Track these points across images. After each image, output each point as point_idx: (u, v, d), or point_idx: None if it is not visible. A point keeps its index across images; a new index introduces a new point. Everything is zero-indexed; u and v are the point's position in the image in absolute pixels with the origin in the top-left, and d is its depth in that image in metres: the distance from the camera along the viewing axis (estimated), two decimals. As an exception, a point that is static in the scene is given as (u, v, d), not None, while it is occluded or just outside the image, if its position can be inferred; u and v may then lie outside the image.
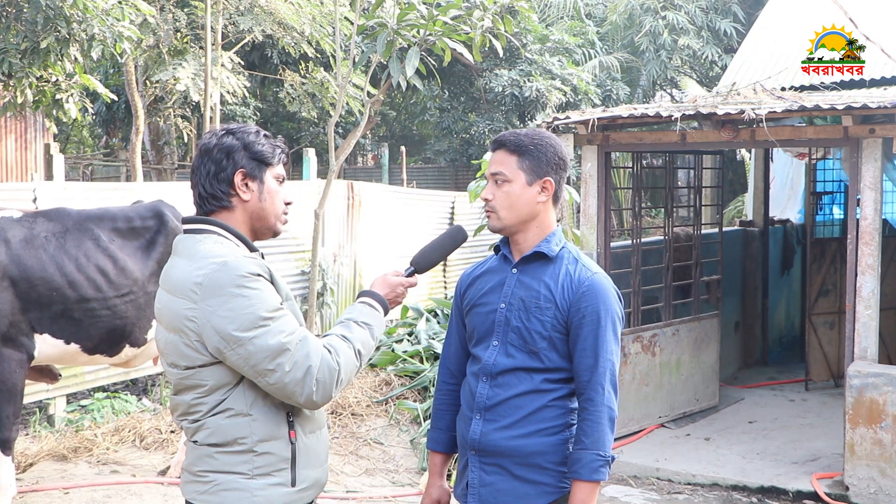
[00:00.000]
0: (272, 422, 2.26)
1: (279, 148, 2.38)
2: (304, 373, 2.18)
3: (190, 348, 2.21)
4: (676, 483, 6.00)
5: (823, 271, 8.35)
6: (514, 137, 2.57)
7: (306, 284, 7.94)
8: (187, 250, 2.28)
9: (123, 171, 16.17)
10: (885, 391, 5.51)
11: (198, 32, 11.32)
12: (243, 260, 2.21)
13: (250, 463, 2.24)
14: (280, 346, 2.16)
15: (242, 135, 2.33)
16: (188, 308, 2.19)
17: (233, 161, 2.31)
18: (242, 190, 2.32)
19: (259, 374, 2.18)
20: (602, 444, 2.47)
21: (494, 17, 7.37)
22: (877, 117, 5.63)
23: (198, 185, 2.34)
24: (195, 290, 2.18)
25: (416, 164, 23.01)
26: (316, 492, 2.37)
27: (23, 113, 10.42)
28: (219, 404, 2.24)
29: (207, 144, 2.34)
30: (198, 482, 2.28)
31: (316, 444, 2.37)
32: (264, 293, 2.19)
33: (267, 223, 2.37)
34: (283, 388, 2.18)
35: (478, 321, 2.64)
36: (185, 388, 2.27)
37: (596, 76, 17.36)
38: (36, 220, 4.67)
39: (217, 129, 2.39)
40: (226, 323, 2.15)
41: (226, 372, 2.22)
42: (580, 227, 6.63)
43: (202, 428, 2.26)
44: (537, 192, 2.56)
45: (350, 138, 7.90)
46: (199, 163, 2.34)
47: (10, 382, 4.45)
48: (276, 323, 2.18)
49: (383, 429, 6.59)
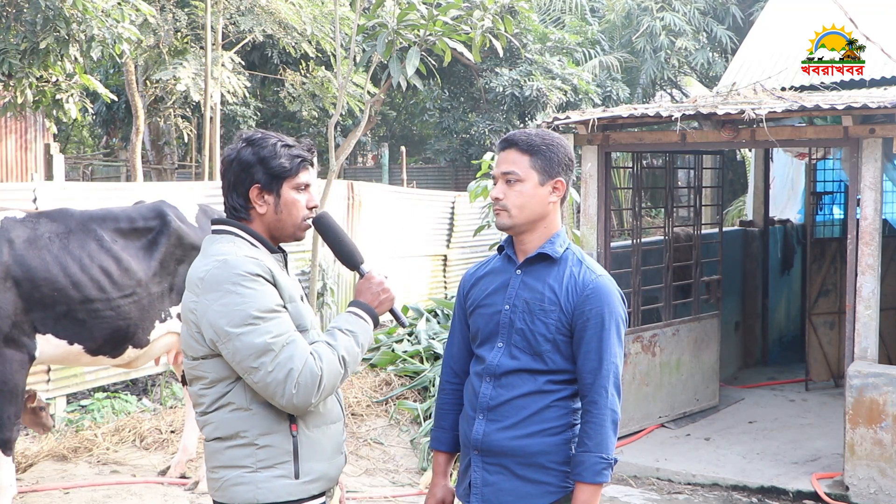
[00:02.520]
0: (272, 416, 2.32)
1: (300, 157, 2.41)
2: (284, 374, 2.23)
3: (193, 339, 2.33)
4: (676, 483, 6.01)
5: (823, 271, 8.35)
6: (525, 137, 2.57)
7: (306, 284, 7.94)
8: (204, 250, 2.40)
9: (123, 171, 16.19)
10: (885, 391, 5.51)
11: (198, 32, 11.33)
12: (244, 259, 2.29)
13: (253, 456, 2.32)
14: (264, 346, 2.23)
15: (259, 148, 2.37)
16: (192, 301, 2.31)
17: (249, 176, 2.37)
18: (258, 204, 2.39)
19: (244, 370, 2.26)
20: (605, 446, 2.48)
21: (494, 18, 7.38)
22: (877, 117, 5.63)
23: (223, 193, 2.44)
24: (198, 284, 2.30)
25: (416, 164, 23.01)
26: (324, 485, 2.41)
27: (23, 113, 10.43)
28: (221, 397, 2.33)
29: (228, 157, 2.41)
30: (212, 479, 2.39)
31: (322, 437, 2.40)
32: (259, 293, 2.26)
33: (285, 232, 2.44)
34: (266, 387, 2.25)
35: (482, 322, 2.64)
36: (194, 378, 2.38)
37: (596, 76, 17.37)
38: (39, 220, 4.67)
39: (242, 136, 2.44)
40: (219, 317, 2.25)
41: (225, 365, 2.30)
42: (580, 227, 6.63)
43: (208, 422, 2.36)
44: (549, 193, 2.56)
45: (350, 138, 7.90)
46: (223, 174, 2.43)
47: (11, 383, 4.45)
48: (266, 324, 2.24)
49: (383, 429, 6.59)
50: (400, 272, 10.18)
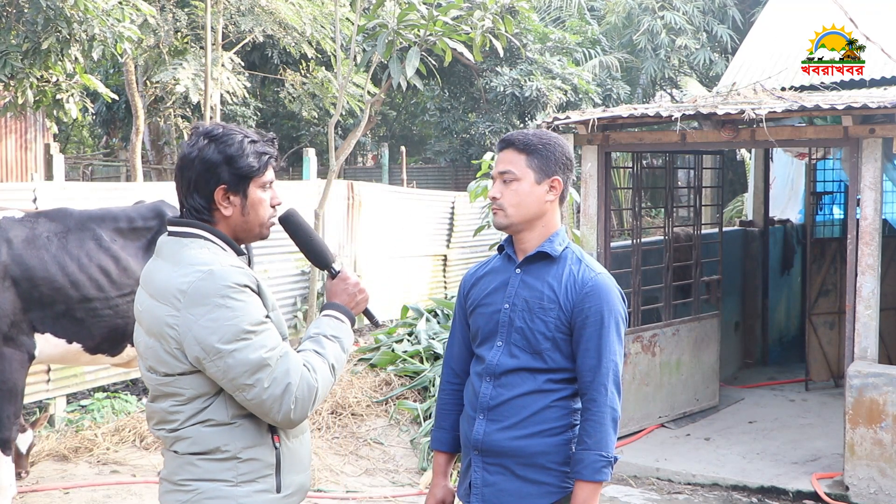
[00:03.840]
0: (255, 428, 2.20)
1: (267, 154, 2.25)
2: (282, 390, 2.12)
3: (169, 355, 2.15)
4: (676, 483, 6.01)
5: (823, 271, 8.35)
6: (522, 137, 2.58)
7: (306, 284, 7.94)
8: (173, 255, 2.19)
9: (123, 171, 16.19)
10: (885, 391, 5.51)
11: (198, 32, 11.33)
12: (230, 270, 2.13)
13: (234, 470, 2.18)
14: (260, 362, 2.10)
15: (225, 146, 2.19)
16: (170, 315, 2.12)
17: (214, 176, 2.19)
18: (223, 206, 2.22)
19: (237, 388, 2.11)
20: (605, 444, 2.47)
21: (495, 18, 7.38)
22: (877, 117, 5.63)
23: (179, 193, 2.25)
24: (179, 297, 2.11)
25: (416, 164, 23.01)
26: (300, 497, 2.32)
27: (23, 113, 10.44)
28: (198, 413, 2.17)
29: (189, 154, 2.20)
30: (179, 491, 2.21)
31: (300, 448, 2.32)
32: (249, 305, 2.12)
33: (251, 233, 2.28)
34: (261, 404, 2.12)
35: (482, 321, 2.64)
36: (163, 394, 2.20)
37: (596, 75, 17.37)
38: (38, 220, 4.68)
39: (200, 129, 2.25)
40: (207, 333, 2.08)
41: (205, 381, 2.15)
42: (580, 227, 6.63)
43: (181, 438, 2.19)
44: (545, 191, 2.57)
45: (350, 138, 7.90)
46: (179, 174, 2.22)
47: (10, 382, 4.45)
48: (258, 337, 2.11)
49: (383, 429, 6.59)
50: (400, 272, 10.18)
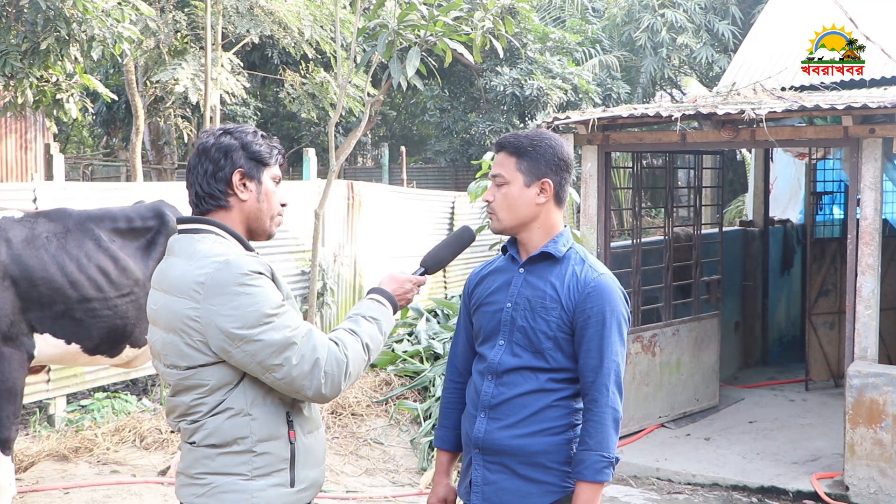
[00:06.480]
0: (272, 421, 2.25)
1: (276, 148, 2.38)
2: (311, 365, 2.18)
3: (192, 348, 2.20)
4: (676, 483, 6.01)
5: (823, 271, 8.35)
6: (513, 139, 2.59)
7: (306, 284, 7.94)
8: (185, 250, 2.28)
9: (123, 171, 16.17)
10: (885, 391, 5.51)
11: (198, 33, 11.33)
12: (245, 258, 2.20)
13: (250, 464, 2.22)
14: (286, 340, 2.16)
15: (240, 134, 2.33)
16: (190, 308, 2.18)
17: (231, 160, 2.30)
18: (240, 189, 2.31)
19: (266, 369, 2.16)
20: (606, 445, 2.48)
21: (495, 19, 7.37)
22: (877, 117, 5.63)
23: (195, 184, 2.33)
24: (197, 289, 2.17)
25: (416, 164, 23.01)
26: (314, 492, 2.36)
27: (23, 113, 10.44)
28: (219, 404, 2.22)
29: (205, 144, 2.33)
30: (195, 485, 2.26)
31: (314, 444, 2.36)
32: (267, 290, 2.19)
33: (263, 225, 2.37)
34: (292, 382, 2.18)
35: (484, 320, 2.65)
36: (186, 388, 2.25)
37: (596, 75, 17.36)
38: (37, 220, 4.67)
39: (214, 128, 2.39)
40: (230, 322, 2.14)
41: (228, 371, 2.21)
42: (580, 227, 6.63)
43: (201, 429, 2.24)
44: (536, 194, 2.56)
45: (350, 138, 7.89)
46: (197, 162, 2.32)
47: (10, 382, 4.45)
48: (280, 319, 2.17)
49: (383, 429, 6.59)
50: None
